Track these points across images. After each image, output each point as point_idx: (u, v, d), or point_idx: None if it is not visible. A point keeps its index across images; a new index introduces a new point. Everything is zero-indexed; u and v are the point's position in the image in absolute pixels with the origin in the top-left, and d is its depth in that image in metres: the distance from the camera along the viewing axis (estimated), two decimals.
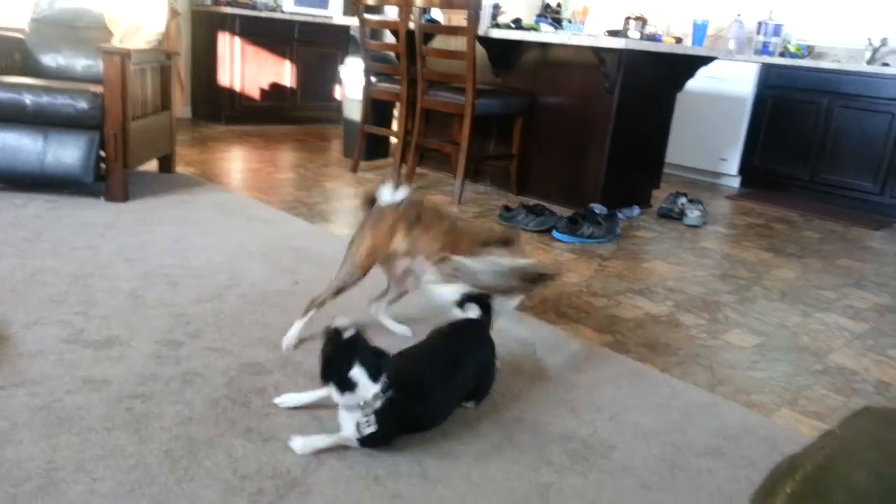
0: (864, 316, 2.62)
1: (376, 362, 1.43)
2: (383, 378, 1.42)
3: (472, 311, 1.71)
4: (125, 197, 3.15)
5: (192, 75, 5.90)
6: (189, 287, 2.25)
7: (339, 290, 1.91)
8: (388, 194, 1.88)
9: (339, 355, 1.41)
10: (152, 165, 3.80)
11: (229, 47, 5.56)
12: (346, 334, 1.42)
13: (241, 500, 1.28)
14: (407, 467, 1.43)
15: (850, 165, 4.63)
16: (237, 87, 5.68)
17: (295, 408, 1.60)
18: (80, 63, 3.60)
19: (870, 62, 4.86)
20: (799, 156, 4.84)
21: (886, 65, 4.71)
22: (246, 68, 5.68)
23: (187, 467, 1.36)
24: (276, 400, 1.61)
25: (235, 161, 4.41)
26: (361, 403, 1.41)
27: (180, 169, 3.94)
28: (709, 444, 1.62)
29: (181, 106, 4.81)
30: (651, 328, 2.31)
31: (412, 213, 1.87)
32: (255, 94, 5.79)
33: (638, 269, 2.93)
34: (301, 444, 1.44)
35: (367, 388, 1.41)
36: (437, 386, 1.53)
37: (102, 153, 3.07)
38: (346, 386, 1.40)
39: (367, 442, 1.45)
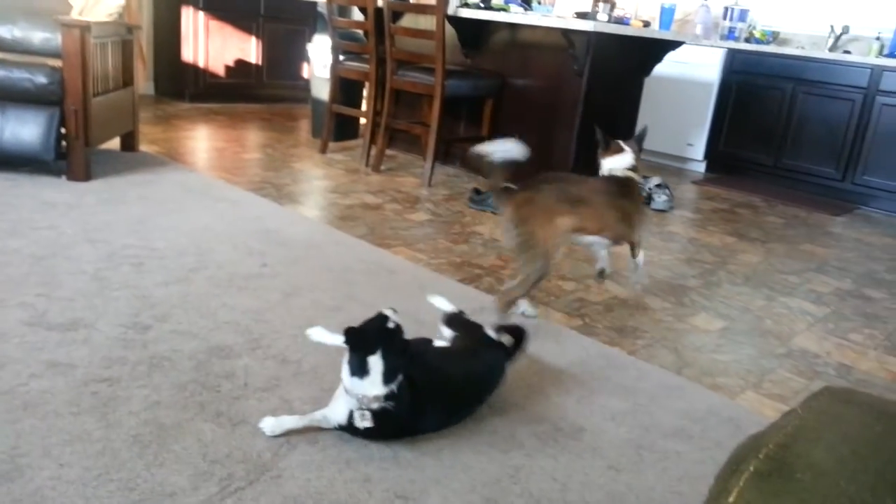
0: (826, 300, 2.69)
1: (397, 364, 1.41)
2: (393, 385, 1.40)
3: (505, 339, 1.72)
4: (87, 176, 3.07)
5: (154, 50, 5.75)
6: (155, 269, 2.21)
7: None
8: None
9: (373, 335, 1.40)
10: (115, 143, 3.70)
11: (193, 22, 5.42)
12: (390, 324, 1.43)
13: (211, 486, 1.27)
14: (378, 451, 1.43)
15: (813, 151, 4.73)
16: (201, 64, 5.55)
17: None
18: (38, 36, 3.47)
19: (832, 49, 4.95)
20: (763, 141, 4.92)
21: (848, 52, 4.81)
22: (210, 44, 5.55)
23: (156, 452, 1.34)
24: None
25: (201, 140, 4.32)
26: (361, 396, 1.40)
27: (144, 147, 3.85)
28: (675, 426, 1.65)
29: (144, 82, 4.69)
30: (619, 312, 2.34)
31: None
32: (220, 71, 5.67)
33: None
34: (271, 424, 1.44)
35: (375, 384, 1.39)
36: (437, 409, 1.52)
37: (63, 130, 2.98)
38: (361, 368, 1.38)
39: (352, 431, 1.44)
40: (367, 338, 1.40)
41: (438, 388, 1.52)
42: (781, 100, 4.80)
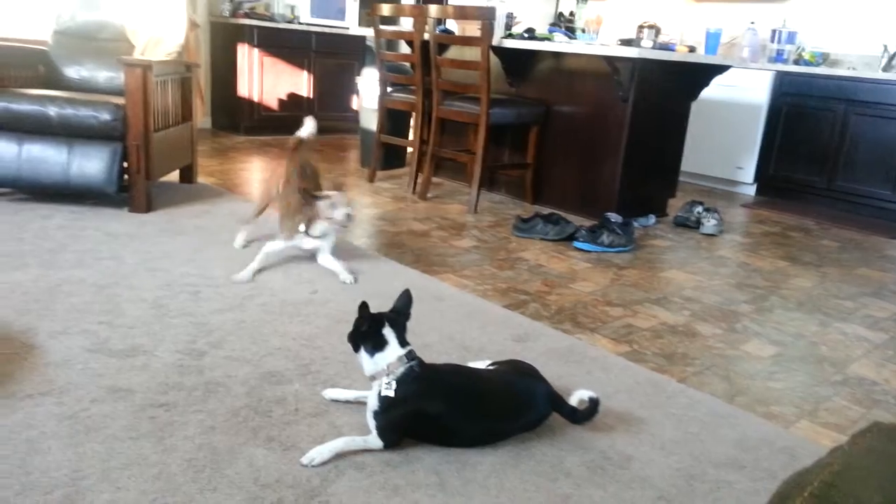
0: (884, 326, 2.60)
1: (403, 330, 1.55)
2: (410, 348, 1.53)
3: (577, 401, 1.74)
4: (148, 208, 3.20)
5: (211, 86, 5.98)
6: (210, 297, 2.29)
7: None
8: None
9: (372, 321, 1.53)
10: (174, 176, 3.85)
11: (248, 58, 5.63)
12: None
13: None
14: (425, 477, 1.44)
15: (867, 173, 4.60)
16: (256, 98, 5.74)
17: (336, 401, 1.69)
18: (103, 75, 3.67)
19: (885, 69, 4.83)
20: (815, 163, 4.81)
21: None
22: (264, 79, 5.74)
23: (210, 476, 1.39)
24: (323, 392, 1.72)
25: (255, 171, 4.46)
26: (386, 366, 1.50)
27: (201, 179, 3.99)
28: (727, 456, 1.62)
29: (202, 117, 4.88)
30: (668, 338, 2.31)
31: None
32: (274, 105, 5.85)
33: (654, 279, 2.93)
34: (311, 455, 1.46)
35: (395, 349, 1.52)
36: (462, 394, 1.55)
37: (125, 164, 3.13)
38: (378, 344, 1.52)
39: (382, 414, 1.49)
40: (375, 316, 1.54)
41: (466, 378, 1.60)
42: (833, 121, 4.70)
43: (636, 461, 1.57)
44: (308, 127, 2.74)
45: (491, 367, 1.75)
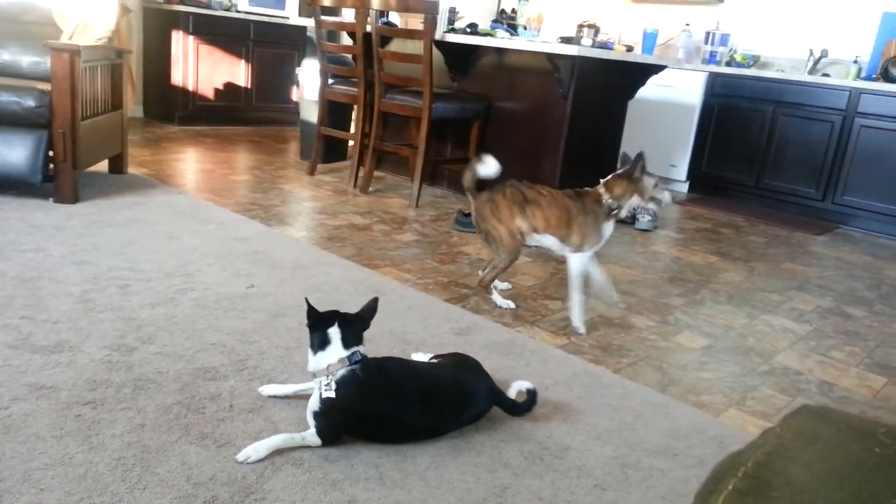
0: (808, 318, 2.72)
1: (355, 330, 1.52)
2: (355, 350, 1.50)
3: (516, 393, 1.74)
4: (75, 198, 3.07)
5: (144, 74, 5.78)
6: (141, 291, 2.21)
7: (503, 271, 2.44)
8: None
9: (326, 315, 1.52)
10: (103, 166, 3.70)
11: (182, 46, 5.46)
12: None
13: None
14: (364, 471, 1.43)
15: (794, 172, 4.80)
16: (191, 87, 5.58)
17: (274, 396, 1.66)
18: (27, 59, 3.49)
19: (811, 72, 5.05)
20: (744, 162, 4.99)
21: (827, 75, 4.90)
22: (200, 67, 5.58)
23: (140, 475, 1.34)
24: (259, 388, 1.68)
25: (189, 162, 4.33)
26: (326, 367, 1.47)
27: (132, 170, 3.86)
28: (660, 444, 1.66)
29: (133, 105, 4.70)
30: (604, 330, 2.36)
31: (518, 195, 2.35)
32: (210, 94, 5.70)
33: None
34: (248, 452, 1.43)
35: (337, 350, 1.48)
36: (407, 396, 1.54)
37: (51, 153, 2.99)
38: (322, 343, 1.48)
39: (322, 416, 1.47)
40: (324, 315, 1.52)
41: (411, 376, 1.59)
42: (762, 122, 4.89)
43: (573, 450, 1.59)
44: (489, 165, 2.38)
45: (434, 361, 1.75)
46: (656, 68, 4.07)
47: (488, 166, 2.37)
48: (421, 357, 1.87)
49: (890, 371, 2.29)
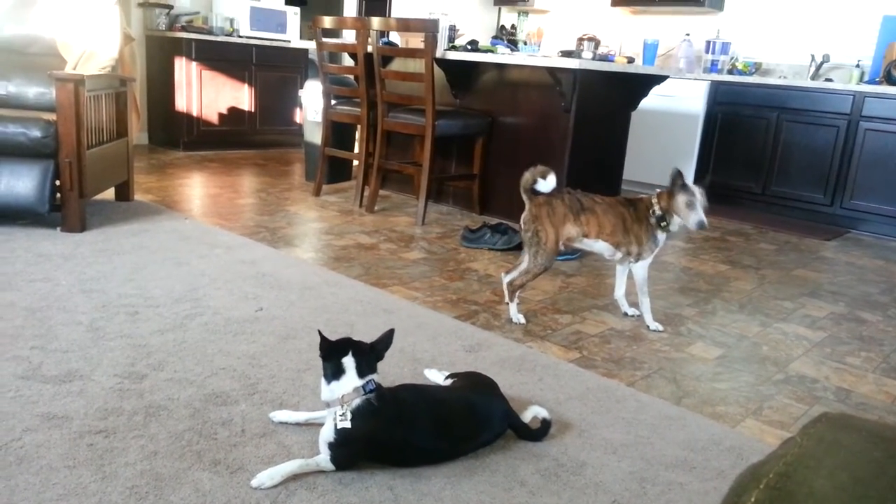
0: (821, 324, 2.69)
1: (369, 359, 1.49)
2: (370, 379, 1.47)
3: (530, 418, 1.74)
4: (82, 227, 3.08)
5: (148, 101, 5.83)
6: (150, 317, 2.21)
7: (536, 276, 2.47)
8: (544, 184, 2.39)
9: (340, 343, 1.50)
10: (109, 194, 3.72)
11: (186, 72, 5.51)
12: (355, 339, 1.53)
13: None
14: (378, 493, 1.41)
15: (801, 178, 4.78)
16: (195, 113, 5.62)
17: (285, 423, 1.64)
18: (32, 90, 3.52)
19: (814, 78, 5.05)
20: (750, 169, 4.98)
21: (830, 80, 4.90)
22: (203, 93, 5.63)
23: (154, 503, 1.33)
24: (271, 415, 1.66)
25: (195, 187, 4.35)
26: (341, 396, 1.44)
27: (138, 196, 3.88)
28: (677, 457, 1.64)
29: (138, 132, 4.74)
30: (616, 343, 2.34)
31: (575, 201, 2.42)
32: (214, 119, 5.74)
33: (601, 285, 2.97)
34: (263, 477, 1.41)
35: (352, 380, 1.46)
36: (422, 422, 1.52)
37: (57, 182, 3.01)
38: (336, 372, 1.46)
39: (338, 447, 1.44)
40: (338, 344, 1.50)
41: (426, 403, 1.56)
42: (767, 128, 4.88)
43: (589, 467, 1.57)
44: (549, 183, 2.41)
45: (449, 383, 1.74)
46: (658, 79, 4.07)
47: (548, 183, 2.40)
48: (434, 374, 1.86)
49: None
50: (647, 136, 5.30)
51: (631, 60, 4.78)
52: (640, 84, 4.07)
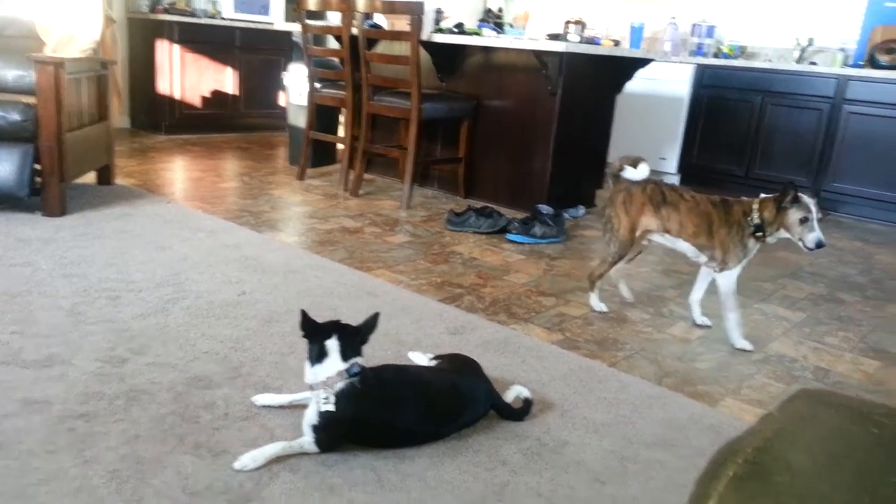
0: (801, 305, 2.72)
1: (354, 342, 1.49)
2: (356, 360, 1.47)
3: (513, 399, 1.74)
4: (63, 211, 3.05)
5: (129, 84, 5.75)
6: (131, 301, 2.19)
7: (612, 264, 2.42)
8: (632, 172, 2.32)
9: (325, 326, 1.48)
10: (90, 178, 3.68)
11: (168, 55, 5.44)
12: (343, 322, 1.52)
13: None
14: (362, 474, 1.42)
15: (784, 161, 4.81)
16: (177, 96, 5.56)
17: (268, 406, 1.64)
18: (11, 73, 3.46)
19: (798, 61, 5.06)
20: (734, 152, 5.00)
21: (814, 63, 4.92)
22: (186, 76, 5.56)
23: (135, 487, 1.33)
24: (253, 398, 1.65)
25: (177, 171, 4.31)
26: (325, 379, 1.44)
27: (120, 180, 3.84)
28: (658, 436, 1.66)
29: (119, 116, 4.68)
30: (598, 325, 2.35)
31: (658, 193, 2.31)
32: (197, 103, 5.68)
33: (585, 268, 2.98)
34: (246, 459, 1.41)
35: (336, 363, 1.45)
36: (406, 404, 1.53)
37: (38, 166, 2.97)
38: (319, 355, 1.45)
39: (322, 430, 1.45)
40: (323, 326, 1.48)
41: (409, 385, 1.57)
42: (751, 112, 4.90)
43: (571, 445, 1.59)
44: (640, 172, 2.34)
45: (434, 363, 1.75)
46: (643, 62, 4.07)
47: (637, 172, 2.33)
48: (419, 357, 1.87)
49: (884, 355, 2.29)
50: (633, 120, 5.31)
51: (617, 43, 4.78)
52: (626, 67, 4.06)
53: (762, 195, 2.18)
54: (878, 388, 2.03)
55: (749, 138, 4.93)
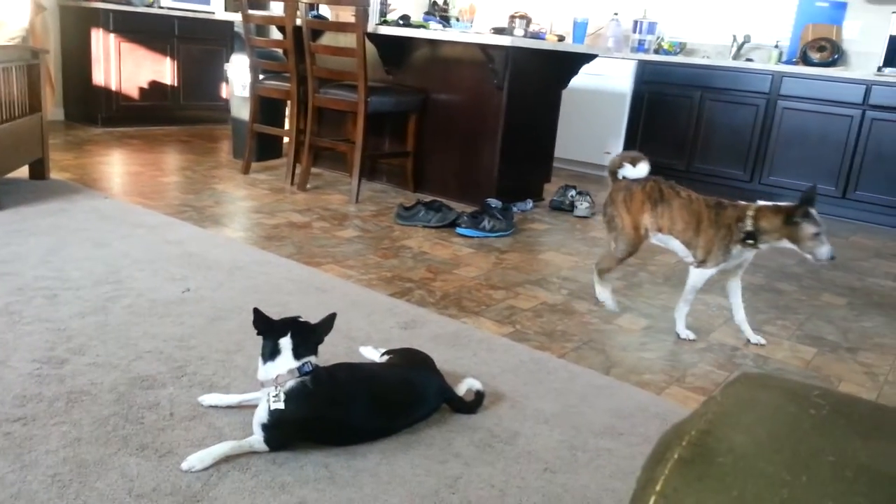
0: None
1: (307, 340, 1.47)
2: (308, 359, 1.46)
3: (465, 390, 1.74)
4: None
5: (63, 75, 5.53)
6: (69, 300, 2.11)
7: (621, 261, 2.44)
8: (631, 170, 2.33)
9: (280, 323, 1.47)
10: (23, 172, 3.52)
11: (103, 45, 5.24)
12: (300, 319, 1.50)
13: None
14: (313, 471, 1.41)
15: (722, 155, 4.96)
16: (114, 87, 5.37)
17: (216, 407, 1.60)
18: None
19: (735, 58, 5.22)
20: (675, 147, 5.13)
21: (750, 60, 5.08)
22: (123, 67, 5.38)
23: (78, 491, 1.28)
24: (200, 398, 1.61)
25: (115, 165, 4.17)
26: (276, 377, 1.42)
27: (54, 175, 3.69)
28: (606, 425, 1.69)
29: (52, 107, 4.50)
30: (548, 317, 2.38)
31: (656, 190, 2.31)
32: (135, 94, 5.50)
33: (534, 261, 3.01)
34: (194, 460, 1.38)
35: (287, 361, 1.44)
36: (358, 403, 1.51)
37: None
38: (272, 353, 1.44)
39: (272, 428, 1.43)
40: (278, 323, 1.47)
41: (362, 382, 1.55)
42: (690, 107, 5.03)
43: (522, 436, 1.61)
44: (640, 170, 2.33)
45: (385, 358, 1.74)
46: (587, 57, 4.13)
47: (636, 171, 2.33)
48: (370, 352, 1.86)
49: (819, 342, 2.39)
50: (577, 115, 5.39)
51: (561, 39, 4.83)
52: (571, 62, 4.12)
53: (759, 202, 2.17)
54: (814, 374, 2.12)
55: (689, 133, 5.07)
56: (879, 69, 4.50)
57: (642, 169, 2.33)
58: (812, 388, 0.79)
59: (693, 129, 5.05)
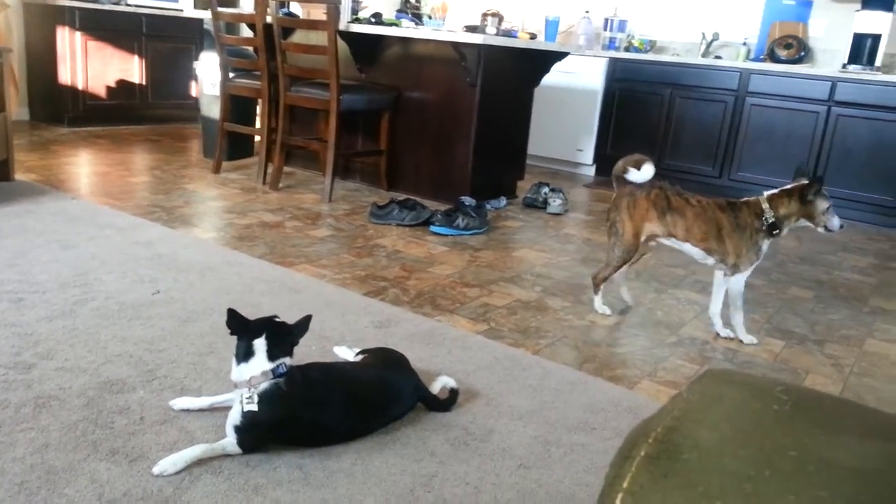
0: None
1: (282, 342, 1.46)
2: (283, 360, 1.45)
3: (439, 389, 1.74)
4: None
5: (28, 74, 5.41)
6: (36, 304, 2.08)
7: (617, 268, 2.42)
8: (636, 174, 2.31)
9: (255, 324, 1.46)
10: None
11: (69, 43, 5.14)
12: (276, 319, 1.49)
13: None
14: (287, 473, 1.40)
15: (692, 151, 5.03)
16: (81, 86, 5.27)
17: (187, 410, 1.58)
18: None
19: (704, 55, 5.29)
20: (646, 144, 5.18)
21: (719, 57, 5.15)
22: (90, 65, 5.28)
23: (46, 498, 1.26)
24: (171, 402, 1.59)
25: (83, 165, 4.10)
26: (249, 379, 1.42)
27: (20, 176, 3.61)
28: (579, 420, 1.71)
29: (16, 107, 4.41)
30: (522, 314, 2.40)
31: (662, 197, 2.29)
32: (102, 93, 5.41)
33: (508, 258, 3.03)
34: (166, 464, 1.37)
35: (261, 362, 1.43)
36: (332, 403, 1.51)
37: None
38: (246, 354, 1.43)
39: (245, 430, 1.42)
40: (251, 324, 1.46)
41: (336, 382, 1.55)
42: (661, 104, 5.08)
43: (496, 433, 1.61)
44: (644, 173, 2.33)
45: (359, 357, 1.73)
46: (559, 55, 4.15)
47: (641, 174, 2.31)
48: (344, 352, 1.85)
49: (787, 335, 2.44)
50: (549, 113, 5.41)
51: (533, 37, 4.85)
52: (543, 60, 4.14)
53: (766, 193, 2.22)
54: (782, 367, 2.16)
55: (659, 130, 5.12)
56: (844, 66, 4.59)
57: (647, 171, 2.31)
58: (776, 384, 0.81)
59: (663, 125, 5.10)
